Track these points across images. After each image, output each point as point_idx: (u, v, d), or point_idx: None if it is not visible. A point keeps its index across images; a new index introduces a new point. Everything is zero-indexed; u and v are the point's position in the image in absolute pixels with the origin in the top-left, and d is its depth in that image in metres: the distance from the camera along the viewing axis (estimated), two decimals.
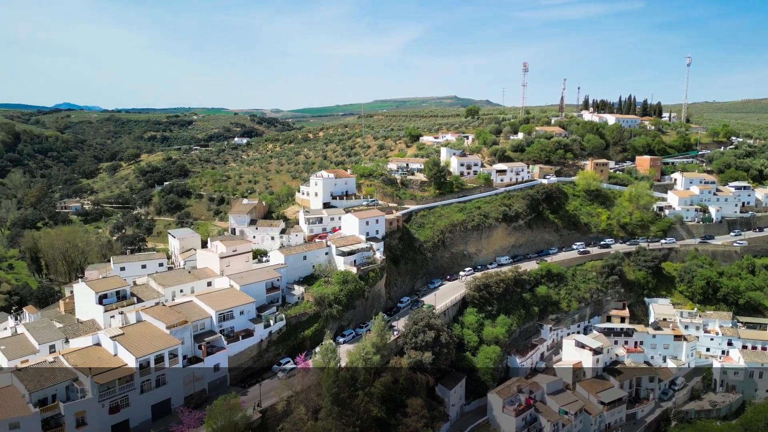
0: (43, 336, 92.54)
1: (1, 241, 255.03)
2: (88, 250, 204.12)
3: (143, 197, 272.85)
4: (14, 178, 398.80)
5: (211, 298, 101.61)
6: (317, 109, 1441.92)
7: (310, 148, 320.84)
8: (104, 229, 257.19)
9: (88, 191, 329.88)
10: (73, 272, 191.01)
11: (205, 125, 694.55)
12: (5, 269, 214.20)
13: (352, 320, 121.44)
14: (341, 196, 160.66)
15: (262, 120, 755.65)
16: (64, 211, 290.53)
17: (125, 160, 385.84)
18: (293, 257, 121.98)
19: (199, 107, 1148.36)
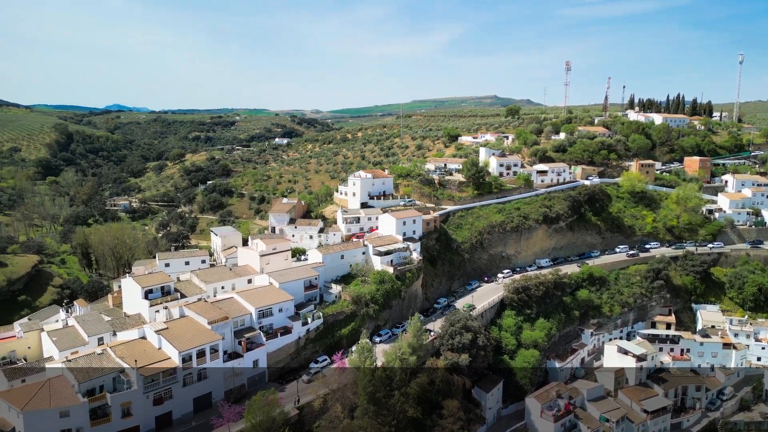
0: (92, 329, 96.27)
1: (54, 237, 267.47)
2: (135, 246, 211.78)
3: (187, 196, 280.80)
4: (67, 176, 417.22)
5: (251, 295, 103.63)
6: (356, 110, 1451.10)
7: (348, 148, 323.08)
8: (150, 226, 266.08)
9: (136, 190, 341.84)
10: (120, 268, 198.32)
11: (247, 126, 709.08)
12: (58, 264, 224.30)
13: (389, 320, 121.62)
14: (379, 196, 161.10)
15: (302, 120, 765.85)
16: (113, 208, 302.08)
17: (171, 159, 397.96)
18: (331, 256, 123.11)
19: (242, 108, 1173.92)
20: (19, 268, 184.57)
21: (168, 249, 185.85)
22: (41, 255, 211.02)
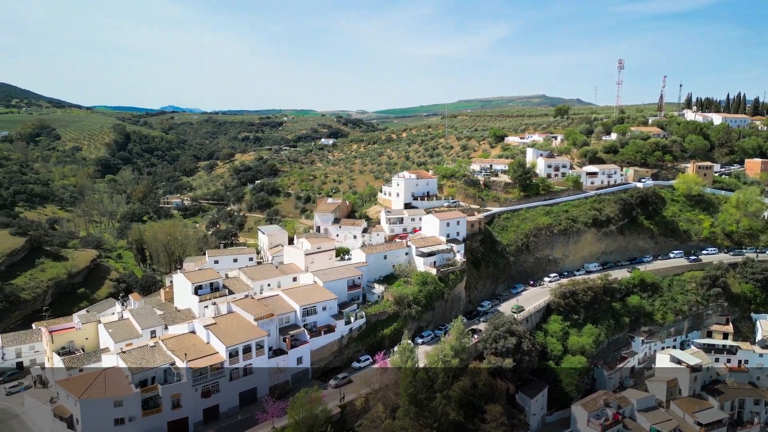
0: (145, 322, 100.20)
1: (111, 233, 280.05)
2: (186, 243, 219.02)
3: (236, 195, 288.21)
4: (124, 175, 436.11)
5: (296, 293, 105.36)
6: (401, 110, 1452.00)
7: (393, 148, 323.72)
8: (201, 223, 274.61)
9: (188, 188, 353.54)
10: (173, 263, 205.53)
11: (294, 126, 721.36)
12: (115, 259, 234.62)
13: (431, 322, 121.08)
14: (422, 196, 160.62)
15: (348, 121, 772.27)
16: (167, 206, 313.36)
17: (221, 159, 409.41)
18: (374, 256, 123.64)
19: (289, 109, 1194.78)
20: (79, 262, 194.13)
21: (217, 246, 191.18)
22: (99, 250, 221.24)
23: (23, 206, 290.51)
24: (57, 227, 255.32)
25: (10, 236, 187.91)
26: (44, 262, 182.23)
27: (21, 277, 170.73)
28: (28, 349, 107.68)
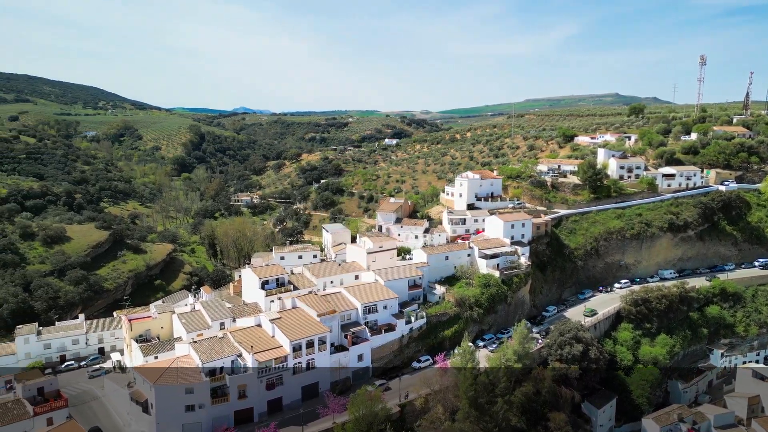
0: (215, 314, 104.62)
1: (186, 228, 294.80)
2: (254, 239, 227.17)
3: (302, 193, 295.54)
4: (198, 173, 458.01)
5: (358, 290, 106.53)
6: (465, 110, 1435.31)
7: (456, 148, 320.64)
8: (268, 221, 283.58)
9: (257, 186, 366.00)
10: (241, 258, 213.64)
11: (358, 127, 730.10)
12: (188, 253, 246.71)
13: (493, 325, 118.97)
14: (486, 197, 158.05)
15: (412, 121, 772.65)
16: (237, 203, 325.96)
17: (288, 159, 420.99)
18: (436, 257, 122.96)
19: (354, 110, 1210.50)
20: (157, 255, 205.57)
21: (283, 243, 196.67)
22: (175, 244, 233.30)
23: (108, 202, 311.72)
24: (137, 222, 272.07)
25: (95, 229, 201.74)
26: (125, 255, 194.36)
27: (104, 268, 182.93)
28: (109, 335, 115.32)
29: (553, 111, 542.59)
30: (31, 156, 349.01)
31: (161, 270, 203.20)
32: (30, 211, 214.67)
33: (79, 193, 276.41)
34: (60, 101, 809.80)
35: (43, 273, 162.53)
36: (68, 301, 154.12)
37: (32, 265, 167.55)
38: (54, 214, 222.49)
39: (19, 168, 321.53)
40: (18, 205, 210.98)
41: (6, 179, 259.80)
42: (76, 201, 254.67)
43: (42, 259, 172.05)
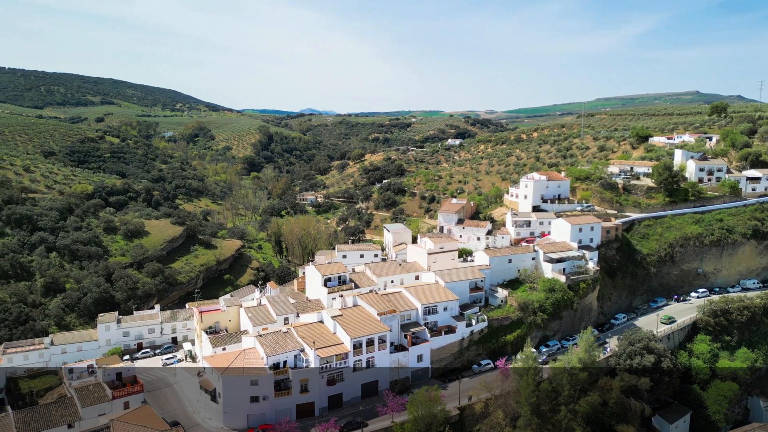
0: (280, 309, 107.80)
1: (254, 226, 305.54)
2: (318, 237, 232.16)
3: (365, 193, 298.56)
4: (267, 172, 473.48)
5: (418, 291, 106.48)
6: (532, 109, 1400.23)
7: (522, 149, 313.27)
8: (332, 219, 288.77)
9: (321, 186, 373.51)
10: (306, 256, 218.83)
11: (422, 127, 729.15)
12: (255, 249, 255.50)
13: (558, 331, 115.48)
14: (553, 199, 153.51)
15: (476, 121, 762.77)
16: (302, 202, 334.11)
17: (352, 159, 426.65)
18: (498, 259, 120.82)
19: (418, 110, 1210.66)
20: (226, 250, 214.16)
21: (346, 242, 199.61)
22: (243, 241, 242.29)
23: (182, 199, 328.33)
24: (209, 219, 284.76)
25: (171, 225, 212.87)
26: (197, 249, 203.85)
27: (178, 261, 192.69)
28: (182, 326, 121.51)
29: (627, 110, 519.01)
30: (115, 155, 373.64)
31: (230, 265, 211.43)
32: (113, 206, 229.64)
33: (156, 190, 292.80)
34: (141, 103, 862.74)
35: (124, 265, 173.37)
36: (145, 292, 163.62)
37: (114, 257, 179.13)
38: (134, 209, 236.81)
39: (104, 166, 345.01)
40: (102, 201, 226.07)
41: (92, 176, 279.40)
42: (154, 198, 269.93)
43: (123, 252, 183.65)
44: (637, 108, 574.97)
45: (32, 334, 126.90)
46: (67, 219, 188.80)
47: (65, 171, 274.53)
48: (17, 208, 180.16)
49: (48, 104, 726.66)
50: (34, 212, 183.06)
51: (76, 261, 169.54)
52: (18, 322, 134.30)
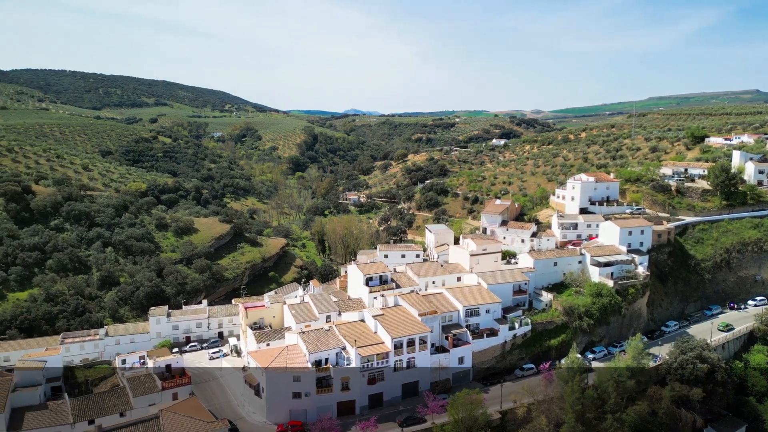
0: (322, 306, 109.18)
1: (298, 224, 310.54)
2: (360, 237, 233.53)
3: (407, 193, 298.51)
4: (311, 172, 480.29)
5: (460, 292, 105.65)
6: (580, 109, 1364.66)
7: (569, 149, 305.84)
8: (374, 219, 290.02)
9: (364, 186, 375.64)
10: (348, 255, 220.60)
11: (465, 127, 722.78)
12: (299, 247, 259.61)
13: (605, 337, 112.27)
14: (601, 201, 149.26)
15: (522, 121, 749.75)
16: (345, 202, 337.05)
17: (395, 159, 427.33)
18: (543, 262, 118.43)
19: (462, 110, 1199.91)
20: (271, 248, 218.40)
21: (388, 242, 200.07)
22: (288, 239, 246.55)
23: (230, 197, 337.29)
24: (255, 217, 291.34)
25: (219, 223, 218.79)
26: (244, 247, 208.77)
27: (225, 258, 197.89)
28: (228, 321, 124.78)
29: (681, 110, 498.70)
30: (167, 155, 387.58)
31: (275, 263, 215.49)
32: (164, 204, 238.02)
33: (206, 189, 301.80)
34: (192, 104, 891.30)
35: (174, 261, 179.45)
36: (194, 287, 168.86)
37: (165, 253, 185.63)
38: (184, 207, 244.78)
39: (157, 165, 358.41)
40: (155, 199, 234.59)
41: (146, 175, 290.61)
42: (203, 196, 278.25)
43: (173, 248, 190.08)
44: (693, 107, 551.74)
45: (88, 326, 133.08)
46: (122, 216, 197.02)
47: (121, 170, 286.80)
48: (76, 205, 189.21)
49: (106, 105, 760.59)
50: (91, 209, 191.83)
51: (129, 256, 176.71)
52: (75, 314, 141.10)
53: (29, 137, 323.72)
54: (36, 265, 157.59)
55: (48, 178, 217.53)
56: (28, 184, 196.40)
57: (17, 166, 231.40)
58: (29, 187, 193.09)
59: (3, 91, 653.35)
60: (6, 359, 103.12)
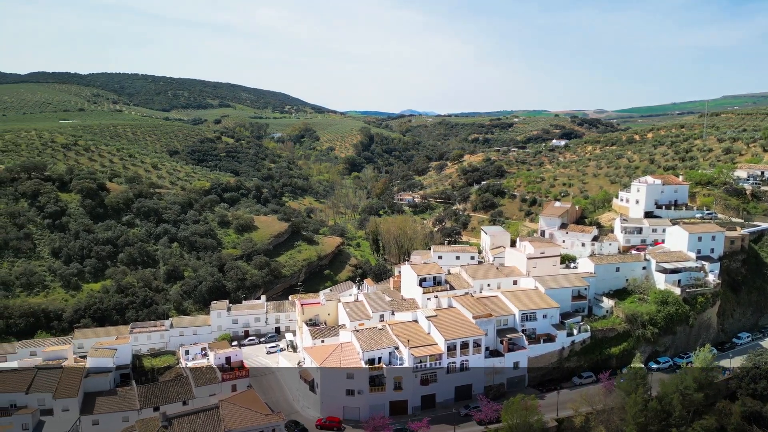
0: (376, 306, 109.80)
1: (353, 224, 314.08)
2: (414, 237, 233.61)
3: (462, 194, 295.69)
4: (367, 172, 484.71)
5: (516, 296, 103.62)
6: (647, 108, 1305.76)
7: (634, 150, 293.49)
8: (428, 220, 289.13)
9: (419, 186, 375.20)
10: (402, 255, 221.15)
11: (524, 127, 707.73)
12: (354, 246, 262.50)
13: (670, 347, 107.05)
14: (668, 205, 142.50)
15: (584, 121, 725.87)
16: (399, 202, 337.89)
17: (450, 160, 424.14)
18: (604, 267, 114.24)
19: (521, 110, 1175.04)
20: (327, 247, 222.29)
21: (442, 243, 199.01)
22: (343, 238, 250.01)
23: (288, 196, 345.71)
24: (312, 216, 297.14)
25: (278, 221, 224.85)
26: (301, 245, 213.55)
27: (283, 255, 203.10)
28: (285, 317, 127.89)
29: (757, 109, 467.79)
30: (230, 154, 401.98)
31: (330, 261, 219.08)
32: (227, 202, 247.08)
33: (265, 188, 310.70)
34: (254, 106, 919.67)
35: (234, 257, 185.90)
36: (253, 283, 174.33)
37: (226, 249, 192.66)
38: (245, 205, 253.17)
39: (220, 164, 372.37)
40: (218, 197, 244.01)
41: (209, 174, 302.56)
42: (263, 195, 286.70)
43: (234, 245, 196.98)
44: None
45: (155, 317, 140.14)
46: (187, 213, 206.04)
47: (187, 169, 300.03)
48: (146, 202, 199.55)
49: (174, 107, 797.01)
50: (159, 206, 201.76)
51: (193, 251, 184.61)
52: (143, 305, 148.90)
53: (104, 137, 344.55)
54: (109, 258, 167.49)
55: (121, 176, 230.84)
56: (103, 181, 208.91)
57: (93, 165, 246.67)
58: (104, 184, 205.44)
59: (81, 94, 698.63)
60: (80, 346, 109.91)
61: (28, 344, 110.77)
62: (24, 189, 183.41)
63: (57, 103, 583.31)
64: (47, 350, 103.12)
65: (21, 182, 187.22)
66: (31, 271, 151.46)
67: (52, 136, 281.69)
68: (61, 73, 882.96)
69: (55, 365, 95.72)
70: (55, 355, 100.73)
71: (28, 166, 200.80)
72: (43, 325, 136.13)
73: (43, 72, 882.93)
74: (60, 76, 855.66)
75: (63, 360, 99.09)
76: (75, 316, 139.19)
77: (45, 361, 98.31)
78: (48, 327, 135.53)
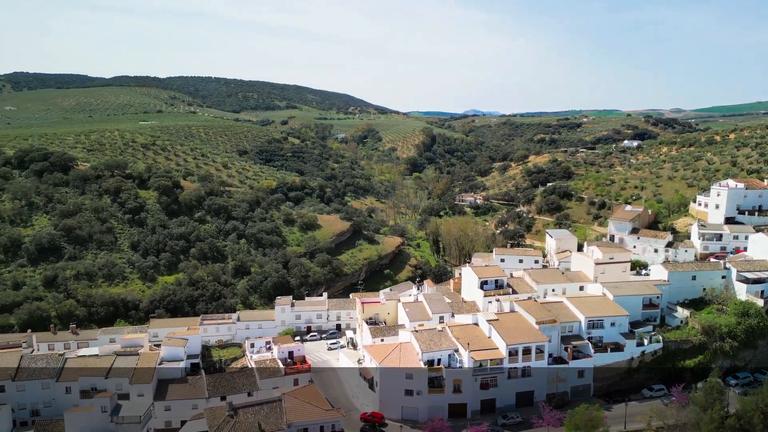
0: (435, 307, 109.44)
1: (413, 224, 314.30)
2: (475, 239, 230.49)
3: (526, 196, 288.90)
4: (428, 173, 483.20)
5: (582, 302, 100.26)
6: (729, 107, 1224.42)
7: (714, 152, 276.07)
8: (490, 222, 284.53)
9: (481, 187, 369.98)
10: (462, 257, 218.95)
11: (593, 128, 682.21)
12: (414, 247, 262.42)
13: (751, 362, 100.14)
14: (752, 211, 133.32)
15: (659, 121, 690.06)
16: (461, 203, 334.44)
17: (515, 160, 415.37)
18: (679, 275, 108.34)
19: (590, 109, 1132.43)
20: (387, 247, 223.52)
21: (504, 245, 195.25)
22: (403, 238, 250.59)
23: (351, 196, 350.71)
24: (373, 216, 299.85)
25: (340, 220, 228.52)
26: (362, 244, 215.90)
27: (344, 254, 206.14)
28: (345, 314, 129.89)
29: None
30: (295, 154, 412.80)
31: (390, 260, 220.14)
32: (292, 201, 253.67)
33: (329, 187, 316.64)
34: (319, 107, 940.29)
35: (298, 254, 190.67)
36: (315, 280, 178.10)
37: (291, 246, 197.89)
38: (309, 204, 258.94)
39: (286, 164, 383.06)
40: (283, 196, 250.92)
41: (276, 173, 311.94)
42: (326, 194, 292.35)
43: (298, 242, 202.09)
44: None
45: (223, 310, 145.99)
46: (254, 211, 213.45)
47: (255, 168, 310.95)
48: (216, 200, 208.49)
49: (243, 108, 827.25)
50: (229, 204, 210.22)
51: (260, 248, 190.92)
52: (212, 298, 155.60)
53: (180, 137, 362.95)
54: (182, 252, 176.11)
55: (194, 175, 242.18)
56: (178, 179, 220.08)
57: (169, 163, 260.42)
58: (179, 182, 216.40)
59: (160, 97, 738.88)
60: (155, 335, 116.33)
61: (108, 332, 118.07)
62: (107, 186, 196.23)
63: (138, 105, 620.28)
64: (125, 338, 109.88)
65: (104, 180, 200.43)
66: (112, 263, 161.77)
67: (132, 136, 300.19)
68: (142, 77, 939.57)
69: (132, 352, 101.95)
70: (132, 343, 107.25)
71: (111, 165, 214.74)
72: (122, 314, 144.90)
73: (126, 76, 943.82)
74: (141, 79, 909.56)
75: (139, 347, 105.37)
76: (150, 307, 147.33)
77: (123, 348, 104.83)
78: (126, 316, 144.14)
